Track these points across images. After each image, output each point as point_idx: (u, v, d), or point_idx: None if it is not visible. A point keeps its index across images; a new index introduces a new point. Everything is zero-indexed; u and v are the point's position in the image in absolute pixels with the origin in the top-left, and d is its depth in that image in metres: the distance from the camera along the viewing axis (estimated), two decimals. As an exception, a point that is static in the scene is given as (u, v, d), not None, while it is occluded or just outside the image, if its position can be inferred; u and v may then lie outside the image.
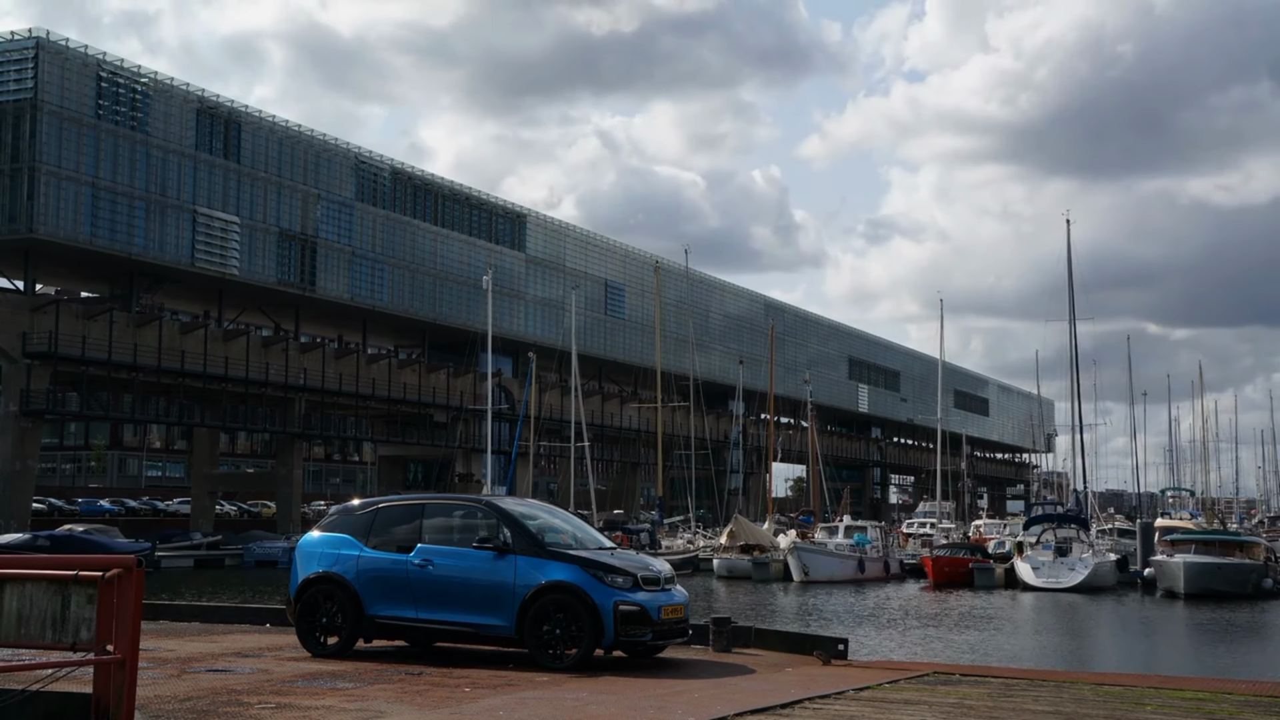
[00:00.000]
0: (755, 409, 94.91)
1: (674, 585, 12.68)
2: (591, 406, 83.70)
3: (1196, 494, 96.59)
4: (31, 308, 61.17)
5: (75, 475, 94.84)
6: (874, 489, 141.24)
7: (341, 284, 75.93)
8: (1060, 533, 52.14)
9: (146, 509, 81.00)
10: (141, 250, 64.19)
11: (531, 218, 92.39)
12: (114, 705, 6.34)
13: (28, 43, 60.01)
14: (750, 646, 13.59)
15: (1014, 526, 72.11)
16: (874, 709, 9.39)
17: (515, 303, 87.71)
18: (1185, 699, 10.09)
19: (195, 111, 67.57)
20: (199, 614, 16.83)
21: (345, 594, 12.64)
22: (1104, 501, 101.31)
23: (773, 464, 77.31)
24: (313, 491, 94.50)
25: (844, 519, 65.38)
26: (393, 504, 13.83)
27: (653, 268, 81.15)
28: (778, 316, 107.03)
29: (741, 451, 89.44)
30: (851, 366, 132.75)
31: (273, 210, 71.62)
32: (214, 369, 67.23)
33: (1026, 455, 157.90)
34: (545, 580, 11.88)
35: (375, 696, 9.85)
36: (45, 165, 59.53)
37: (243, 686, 10.24)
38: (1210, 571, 43.87)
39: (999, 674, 12.23)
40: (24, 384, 59.48)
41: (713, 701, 9.58)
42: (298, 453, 76.59)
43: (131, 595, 6.35)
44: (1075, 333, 59.02)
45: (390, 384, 78.10)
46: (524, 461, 69.28)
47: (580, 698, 9.86)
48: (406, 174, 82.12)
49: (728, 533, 58.57)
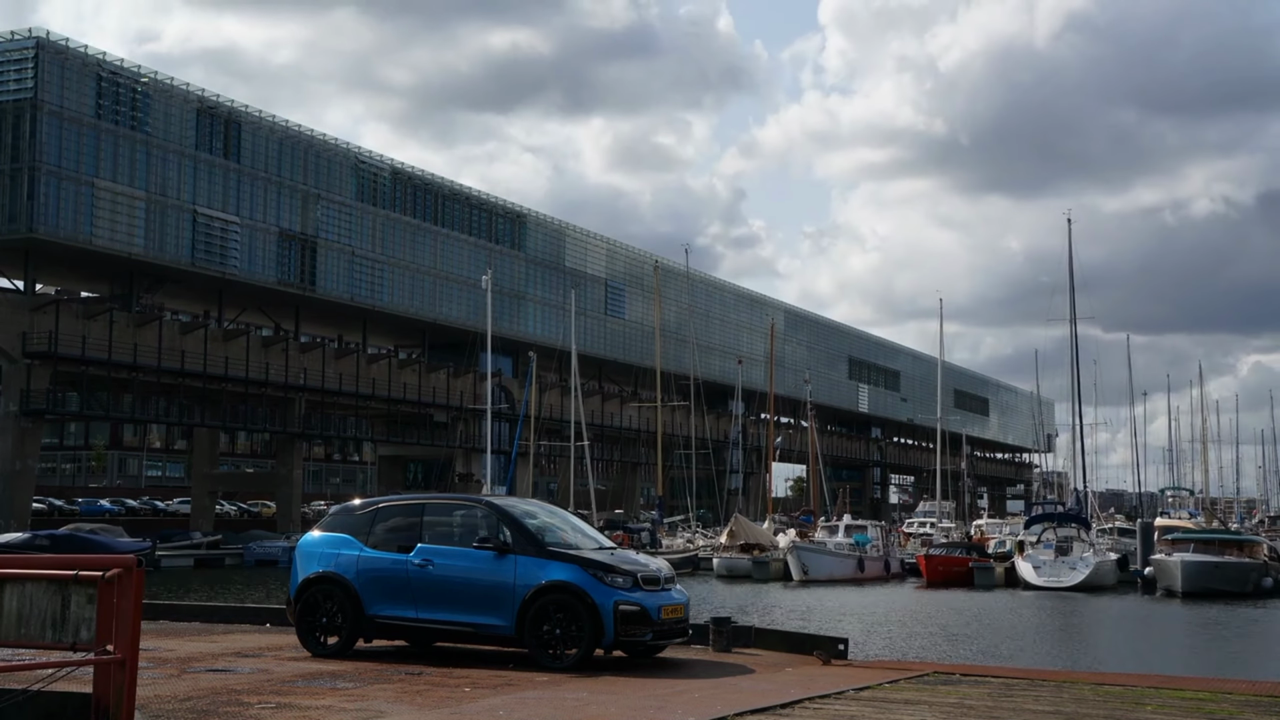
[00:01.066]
0: (755, 409, 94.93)
1: (674, 585, 12.68)
2: (591, 406, 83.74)
3: (1196, 494, 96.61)
4: (31, 308, 61.19)
5: (75, 475, 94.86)
6: (874, 489, 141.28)
7: (341, 284, 75.94)
8: (1061, 532, 52.17)
9: (146, 509, 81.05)
10: (141, 250, 64.20)
11: (531, 218, 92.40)
12: (114, 705, 6.34)
13: (28, 43, 60.02)
14: (750, 646, 13.58)
15: (1014, 526, 72.14)
16: (874, 709, 9.39)
17: (515, 303, 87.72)
18: (1185, 699, 10.09)
19: (195, 111, 67.58)
20: (199, 614, 16.82)
21: (345, 594, 12.64)
22: (1104, 501, 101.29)
23: (773, 464, 77.37)
24: (313, 491, 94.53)
25: (844, 518, 65.42)
26: (393, 504, 13.82)
27: (653, 268, 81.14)
28: (778, 316, 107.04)
29: (741, 451, 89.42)
30: (851, 366, 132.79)
31: (273, 210, 71.63)
32: (214, 369, 67.24)
33: (1026, 455, 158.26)
34: (545, 580, 11.88)
35: (375, 696, 9.85)
36: (45, 165, 59.54)
37: (243, 686, 10.24)
38: (1210, 570, 43.88)
39: (999, 674, 12.22)
40: (24, 384, 59.50)
41: (713, 701, 9.58)
42: (298, 453, 76.62)
43: (131, 595, 6.35)
44: (1076, 333, 59.07)
45: (390, 384, 78.12)
46: (524, 461, 69.31)
47: (580, 698, 9.86)
48: (406, 174, 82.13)
49: (728, 532, 58.60)
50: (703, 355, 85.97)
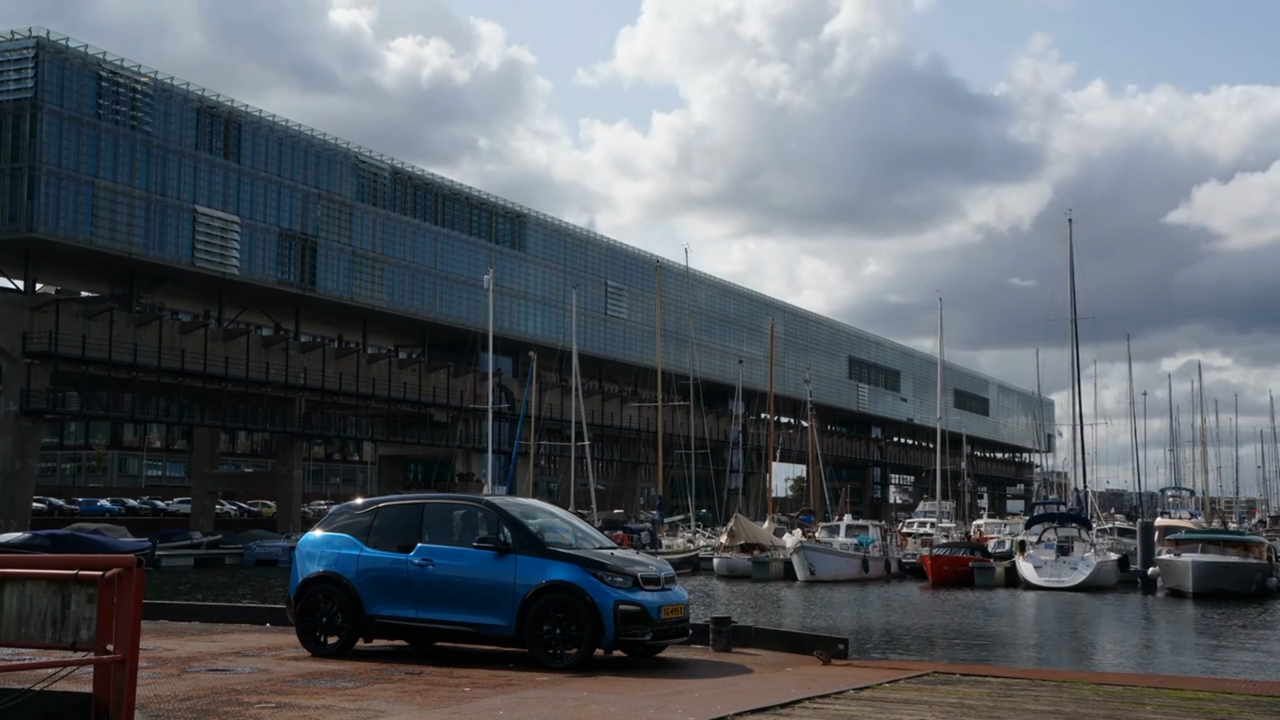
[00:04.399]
0: (755, 408, 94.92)
1: (674, 585, 12.67)
2: (591, 406, 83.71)
3: (1197, 494, 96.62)
4: (32, 307, 61.18)
5: (75, 475, 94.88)
6: (874, 489, 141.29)
7: (341, 284, 75.95)
8: (1062, 532, 52.11)
9: (146, 508, 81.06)
10: (141, 250, 64.20)
11: (531, 218, 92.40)
12: (114, 705, 6.34)
13: (28, 42, 60.00)
14: (750, 646, 13.58)
15: (1014, 526, 72.11)
16: (874, 709, 9.39)
17: (515, 303, 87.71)
18: (1185, 699, 10.09)
19: (195, 111, 67.58)
20: (199, 614, 16.82)
21: (345, 594, 12.64)
22: (1104, 501, 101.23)
23: (773, 464, 77.28)
24: (313, 491, 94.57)
25: (845, 519, 65.37)
26: (393, 504, 13.82)
27: (653, 268, 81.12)
28: (778, 316, 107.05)
29: (741, 451, 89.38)
30: (851, 366, 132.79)
31: (273, 210, 71.63)
32: (214, 369, 67.24)
33: (1026, 455, 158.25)
34: (545, 580, 11.88)
35: (375, 696, 9.85)
36: (45, 165, 59.54)
37: (243, 686, 10.23)
38: (1217, 571, 43.78)
39: (999, 674, 12.23)
40: (24, 384, 59.50)
41: (712, 701, 9.58)
42: (298, 452, 76.62)
43: (131, 595, 6.35)
44: (1076, 333, 59.02)
45: (390, 384, 78.11)
46: (524, 461, 69.30)
47: (580, 698, 9.86)
48: (406, 174, 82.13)
49: (728, 532, 58.55)
50: (703, 355, 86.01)
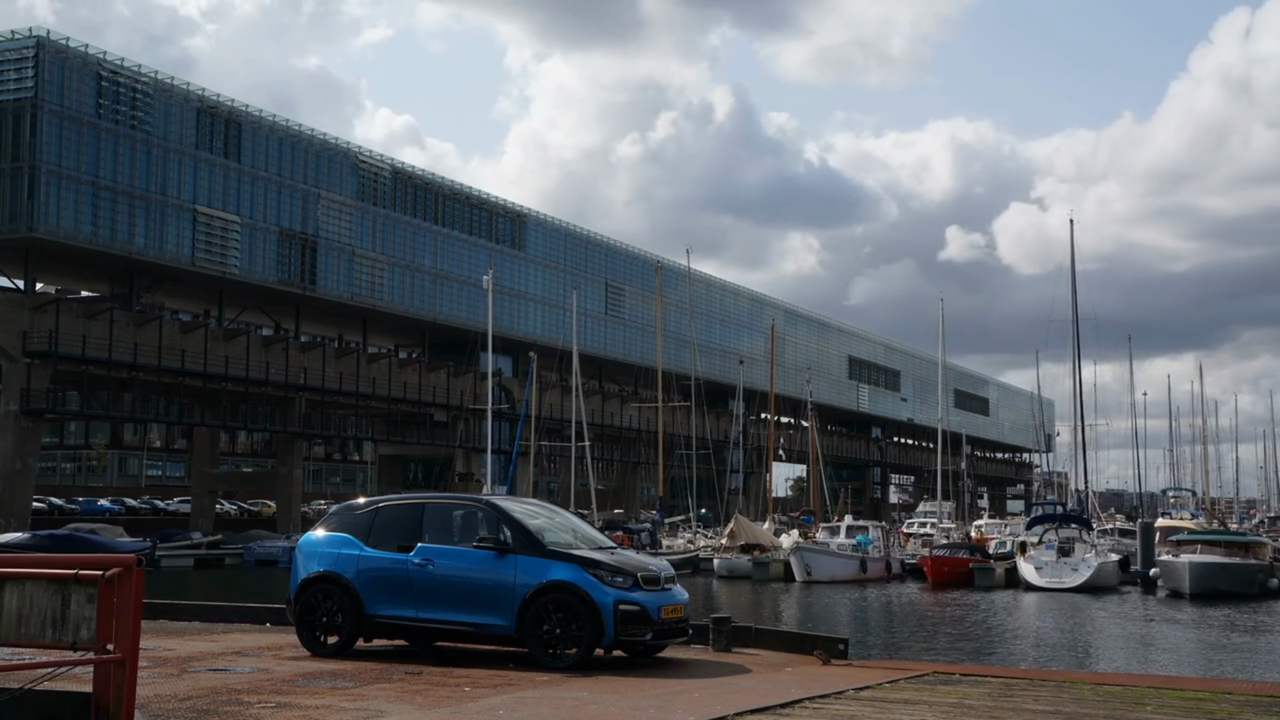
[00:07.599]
0: (755, 409, 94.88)
1: (674, 585, 12.66)
2: (592, 406, 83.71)
3: (1197, 494, 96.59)
4: (32, 307, 61.18)
5: (75, 474, 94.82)
6: (874, 489, 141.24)
7: (341, 283, 75.95)
8: (1063, 533, 52.11)
9: (147, 508, 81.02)
10: (141, 249, 64.20)
11: (531, 218, 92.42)
12: (114, 704, 6.33)
13: (28, 42, 60.01)
14: (750, 646, 13.56)
15: (1015, 526, 72.11)
16: (874, 709, 9.38)
17: (515, 302, 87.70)
18: (1185, 699, 10.08)
19: (195, 111, 67.58)
20: (199, 613, 16.79)
21: (345, 593, 12.62)
22: (1104, 501, 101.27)
23: (773, 464, 77.29)
24: (313, 491, 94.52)
25: (845, 519, 65.32)
26: (393, 503, 13.81)
27: (653, 268, 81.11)
28: (778, 316, 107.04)
29: (742, 451, 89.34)
30: (851, 366, 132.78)
31: (273, 209, 71.63)
32: (214, 368, 67.24)
33: (1027, 455, 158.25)
34: (545, 580, 11.87)
35: (375, 696, 9.84)
36: (45, 165, 59.54)
37: (243, 686, 10.23)
38: (1217, 572, 43.76)
39: (999, 674, 12.22)
40: (24, 383, 59.50)
41: (712, 701, 9.57)
42: (298, 452, 76.61)
43: (131, 594, 6.34)
44: (1078, 333, 59.08)
45: (390, 383, 78.12)
46: (524, 461, 69.25)
47: (580, 698, 9.85)
48: (407, 174, 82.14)
49: (728, 532, 58.55)
50: (703, 355, 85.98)
